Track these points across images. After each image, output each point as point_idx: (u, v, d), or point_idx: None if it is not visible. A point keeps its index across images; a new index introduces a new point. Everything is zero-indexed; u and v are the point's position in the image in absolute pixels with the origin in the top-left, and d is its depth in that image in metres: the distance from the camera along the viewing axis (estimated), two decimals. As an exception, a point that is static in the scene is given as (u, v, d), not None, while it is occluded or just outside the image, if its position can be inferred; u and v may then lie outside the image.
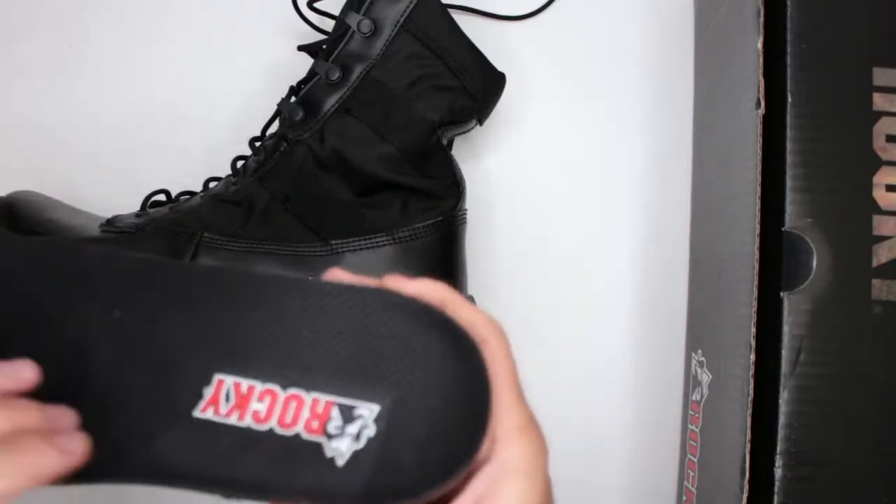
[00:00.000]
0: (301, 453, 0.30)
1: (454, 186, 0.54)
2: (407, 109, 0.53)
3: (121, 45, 0.62)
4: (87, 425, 0.30)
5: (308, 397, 0.30)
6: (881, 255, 0.44)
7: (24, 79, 0.61)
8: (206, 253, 0.51)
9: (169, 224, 0.52)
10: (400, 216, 0.53)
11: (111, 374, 0.31)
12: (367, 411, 0.30)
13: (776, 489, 0.43)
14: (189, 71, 0.62)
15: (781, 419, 0.43)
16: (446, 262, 0.54)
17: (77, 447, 0.29)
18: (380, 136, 0.53)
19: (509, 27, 0.62)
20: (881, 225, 0.45)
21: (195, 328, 0.31)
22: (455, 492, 0.30)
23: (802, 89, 0.45)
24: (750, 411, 0.44)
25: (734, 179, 0.50)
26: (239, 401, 0.30)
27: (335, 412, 0.30)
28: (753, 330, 0.45)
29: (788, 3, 0.46)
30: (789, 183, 0.45)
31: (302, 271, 0.51)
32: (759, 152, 0.45)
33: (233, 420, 0.30)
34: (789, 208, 0.45)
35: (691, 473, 0.55)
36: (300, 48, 0.56)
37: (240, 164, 0.55)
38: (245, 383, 0.30)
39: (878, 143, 0.45)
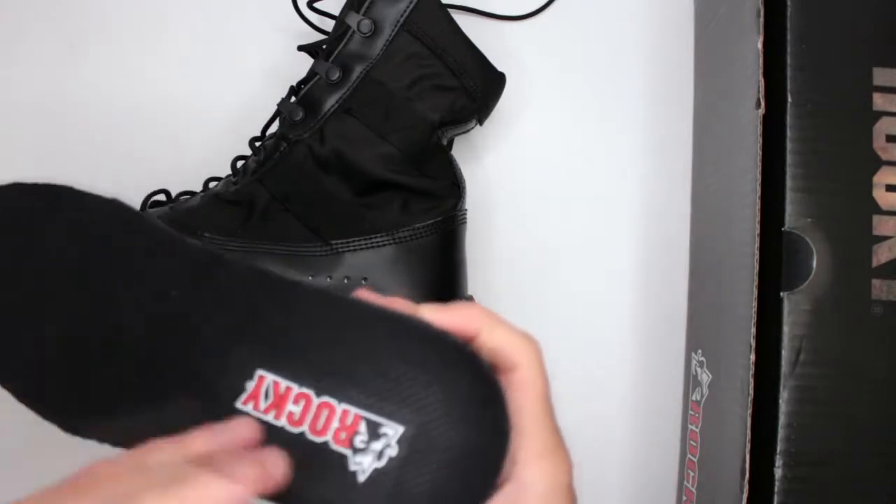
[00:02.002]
0: (328, 462, 0.30)
1: (454, 186, 0.54)
2: (407, 109, 0.53)
3: (120, 44, 0.62)
4: (131, 391, 0.32)
5: (339, 407, 0.31)
6: (881, 255, 0.44)
7: (23, 79, 0.61)
8: (206, 253, 0.51)
9: (169, 224, 0.52)
10: (400, 216, 0.53)
11: (162, 347, 0.32)
12: (392, 431, 0.30)
13: (776, 489, 0.43)
14: (189, 71, 0.62)
15: (781, 419, 0.43)
16: (446, 262, 0.54)
17: (277, 470, 0.29)
18: (380, 136, 0.53)
19: (509, 27, 0.62)
20: (881, 225, 0.45)
21: (244, 322, 0.32)
22: None
23: (802, 89, 0.45)
24: (750, 411, 0.44)
25: (734, 179, 0.50)
26: (277, 399, 0.31)
27: (363, 426, 0.31)
28: (753, 330, 0.45)
29: (788, 3, 0.46)
30: (789, 183, 0.45)
31: (302, 271, 0.51)
32: (759, 152, 0.45)
33: (270, 417, 0.31)
34: (789, 208, 0.45)
35: (691, 473, 0.55)
36: (300, 48, 0.56)
37: (240, 164, 0.55)
38: (283, 383, 0.31)
39: (878, 143, 0.45)
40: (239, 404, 0.31)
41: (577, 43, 0.63)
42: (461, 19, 0.56)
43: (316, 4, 0.56)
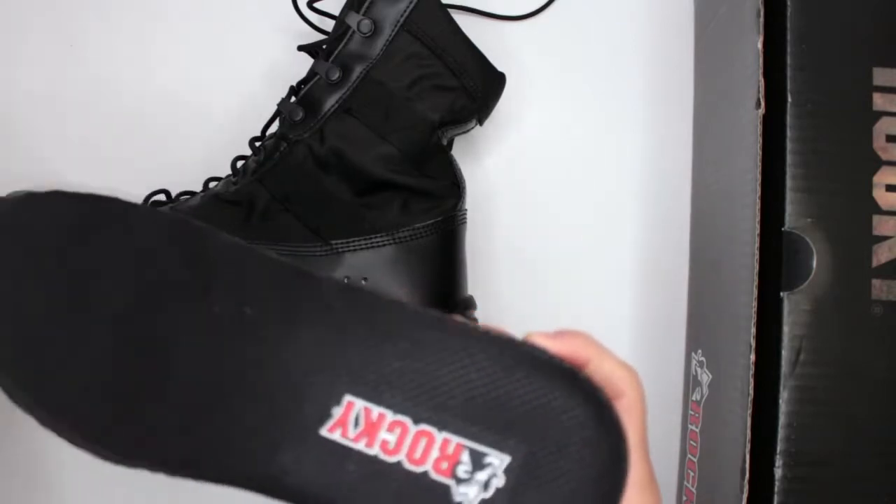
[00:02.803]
0: (429, 493, 0.29)
1: (454, 186, 0.54)
2: (407, 109, 0.53)
3: (121, 44, 0.62)
4: (208, 418, 0.29)
5: (439, 436, 0.29)
6: (881, 255, 0.44)
7: (23, 79, 0.61)
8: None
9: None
10: (400, 216, 0.53)
11: (238, 370, 0.30)
12: (498, 461, 0.29)
13: (776, 489, 0.43)
14: (189, 71, 0.62)
15: (781, 419, 0.43)
16: (446, 262, 0.54)
17: None
18: (380, 136, 0.53)
19: (509, 27, 0.62)
20: (881, 225, 0.45)
21: (329, 343, 0.30)
22: None
23: (802, 89, 0.45)
24: (750, 411, 0.44)
25: (734, 179, 0.50)
26: (368, 427, 0.29)
27: (465, 456, 0.29)
28: (753, 330, 0.45)
29: (788, 3, 0.46)
30: (789, 183, 0.45)
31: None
32: (759, 152, 0.45)
33: (361, 446, 0.29)
34: (789, 208, 0.45)
35: (691, 473, 0.55)
36: (300, 48, 0.56)
37: (240, 164, 0.55)
38: (376, 410, 0.29)
39: (878, 143, 0.45)
40: (324, 432, 0.29)
41: (577, 43, 0.63)
42: (461, 19, 0.56)
43: (316, 4, 0.56)
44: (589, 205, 0.62)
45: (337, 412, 0.29)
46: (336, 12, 0.56)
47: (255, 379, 0.30)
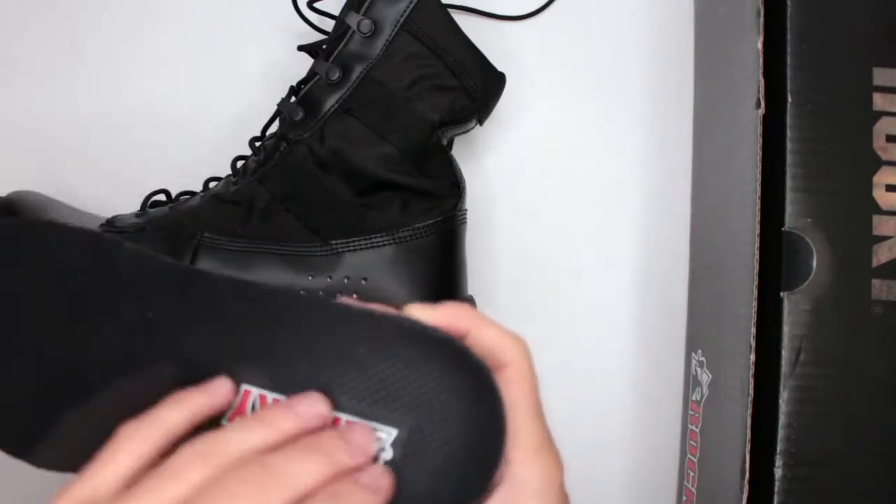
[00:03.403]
0: None
1: (454, 186, 0.54)
2: (407, 109, 0.53)
3: (121, 44, 0.62)
4: (110, 423, 0.30)
5: (330, 416, 0.30)
6: (881, 255, 0.44)
7: (23, 79, 0.61)
8: (206, 253, 0.51)
9: (169, 224, 0.52)
10: (400, 216, 0.53)
11: (139, 372, 0.31)
12: (386, 435, 0.30)
13: (776, 489, 0.43)
14: (189, 71, 0.62)
15: (781, 419, 0.43)
16: (446, 263, 0.54)
17: (385, 483, 0.29)
18: (380, 136, 0.53)
19: (509, 27, 0.62)
20: (881, 225, 0.45)
21: (223, 338, 0.31)
22: None
23: (802, 89, 0.45)
24: (750, 411, 0.44)
25: (734, 179, 0.50)
26: None
27: None
28: (753, 330, 0.45)
29: (788, 3, 0.46)
30: (789, 183, 0.45)
31: (302, 272, 0.51)
32: (759, 152, 0.45)
33: None
34: (789, 208, 0.45)
35: (691, 473, 0.55)
36: (300, 48, 0.56)
37: (240, 164, 0.55)
38: (270, 396, 0.30)
39: (878, 143, 0.45)
40: (225, 422, 0.30)
41: (577, 43, 0.63)
42: (461, 19, 0.56)
43: (316, 4, 0.56)
44: (589, 205, 0.62)
45: (236, 402, 0.30)
46: (336, 12, 0.56)
47: (164, 378, 0.31)
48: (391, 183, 0.53)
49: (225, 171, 0.56)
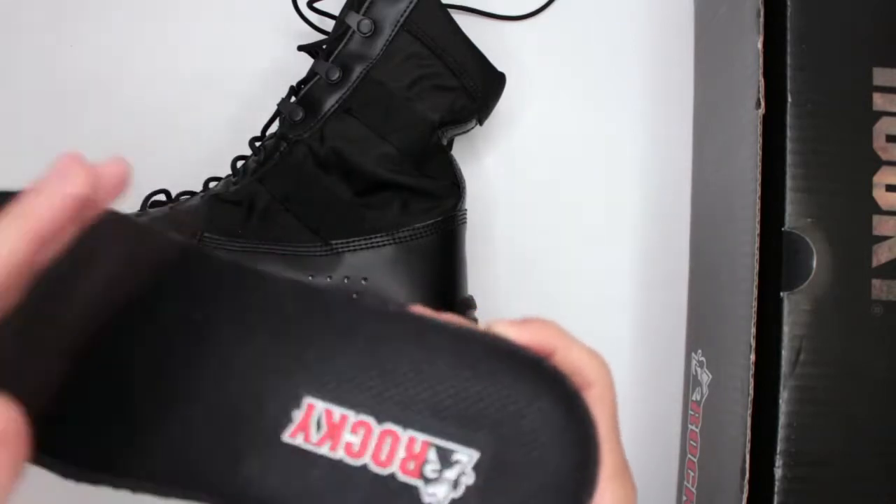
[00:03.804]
0: (397, 496, 0.28)
1: (454, 186, 0.54)
2: (407, 109, 0.53)
3: (120, 44, 0.62)
4: (166, 431, 0.28)
5: (404, 435, 0.28)
6: (881, 255, 0.44)
7: (23, 78, 0.61)
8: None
9: (169, 224, 0.52)
10: (400, 216, 0.53)
11: (192, 377, 0.29)
12: (466, 457, 0.28)
13: (776, 489, 0.43)
14: (189, 71, 0.62)
15: (781, 419, 0.43)
16: (446, 263, 0.54)
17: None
18: (380, 136, 0.53)
19: (509, 27, 0.62)
20: (881, 225, 0.45)
21: (286, 346, 0.29)
22: None
23: (802, 89, 0.45)
24: (750, 411, 0.44)
25: (734, 179, 0.50)
26: (331, 430, 0.28)
27: (432, 454, 0.28)
28: (753, 330, 0.45)
29: (788, 3, 0.46)
30: (789, 183, 0.45)
31: (302, 272, 0.51)
32: (759, 152, 0.45)
33: (325, 450, 0.28)
34: (789, 208, 0.45)
35: (691, 473, 0.55)
36: (300, 48, 0.56)
37: (240, 164, 0.55)
38: (337, 411, 0.28)
39: (878, 143, 0.45)
40: (286, 437, 0.28)
41: (577, 43, 0.63)
42: (461, 19, 0.56)
43: (316, 4, 0.56)
44: (589, 204, 0.62)
45: (298, 416, 0.28)
46: (336, 12, 0.56)
47: (218, 385, 0.29)
48: (391, 183, 0.53)
49: (225, 171, 0.56)
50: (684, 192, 0.61)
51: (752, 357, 0.44)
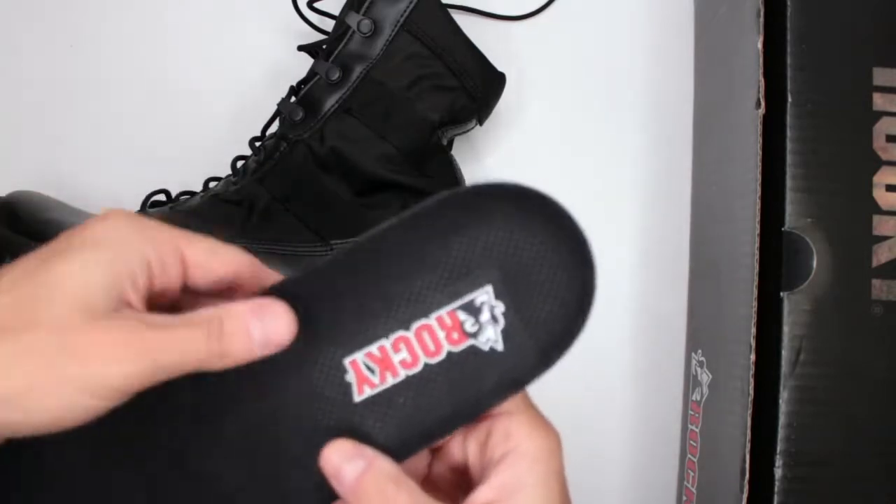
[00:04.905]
0: (465, 361, 0.30)
1: (454, 186, 0.54)
2: (407, 109, 0.53)
3: (120, 44, 0.62)
4: (262, 455, 0.30)
5: (432, 321, 0.30)
6: (881, 255, 0.44)
7: (24, 78, 0.61)
8: (206, 253, 0.51)
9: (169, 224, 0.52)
10: (400, 216, 0.53)
11: (263, 397, 0.31)
12: (486, 295, 0.30)
13: (776, 489, 0.43)
14: (189, 71, 0.62)
15: (781, 419, 0.43)
16: (446, 262, 0.54)
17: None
18: (380, 136, 0.53)
19: (509, 27, 0.62)
20: (881, 225, 0.45)
21: (301, 327, 0.31)
22: (478, 482, 0.30)
23: (802, 89, 0.45)
24: (750, 411, 0.44)
25: (734, 179, 0.50)
26: (382, 364, 0.30)
27: (462, 315, 0.30)
28: (753, 330, 0.45)
29: (788, 3, 0.46)
30: (789, 183, 0.45)
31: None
32: (759, 152, 0.45)
33: (391, 380, 0.30)
34: (789, 208, 0.45)
35: (691, 473, 0.55)
36: (300, 48, 0.56)
37: (240, 164, 0.55)
38: (374, 348, 0.30)
39: (878, 143, 0.45)
40: (357, 399, 0.30)
41: (577, 43, 0.63)
42: (461, 19, 0.56)
43: (316, 4, 0.56)
44: (589, 205, 0.61)
45: (351, 378, 0.30)
46: (336, 12, 0.56)
47: (282, 399, 0.31)
48: (391, 183, 0.53)
49: (225, 171, 0.56)
50: (684, 192, 0.61)
51: (752, 357, 0.44)
